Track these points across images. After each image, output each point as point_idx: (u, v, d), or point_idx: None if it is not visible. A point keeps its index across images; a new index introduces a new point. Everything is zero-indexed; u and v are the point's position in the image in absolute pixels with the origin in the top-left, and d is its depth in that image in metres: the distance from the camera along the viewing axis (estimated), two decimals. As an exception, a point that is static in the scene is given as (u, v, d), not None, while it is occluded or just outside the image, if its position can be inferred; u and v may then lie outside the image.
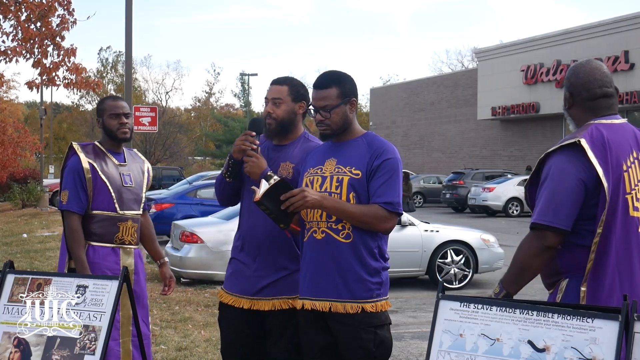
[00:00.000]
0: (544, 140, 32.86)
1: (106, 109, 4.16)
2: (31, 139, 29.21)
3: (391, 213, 3.25)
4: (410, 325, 8.24)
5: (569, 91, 3.01)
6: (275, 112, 3.60)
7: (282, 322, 3.58)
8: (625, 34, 28.03)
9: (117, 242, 4.10)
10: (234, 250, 3.75)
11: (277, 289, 3.58)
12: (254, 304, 3.60)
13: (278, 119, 3.60)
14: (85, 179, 4.02)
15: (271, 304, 3.58)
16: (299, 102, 3.63)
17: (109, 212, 4.07)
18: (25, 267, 11.14)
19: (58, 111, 62.76)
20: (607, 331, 2.32)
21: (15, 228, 19.82)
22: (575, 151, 2.81)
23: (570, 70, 3.04)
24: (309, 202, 3.20)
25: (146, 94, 60.98)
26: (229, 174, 3.65)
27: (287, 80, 3.68)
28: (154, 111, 17.87)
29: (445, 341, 2.54)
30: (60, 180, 4.16)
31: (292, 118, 3.63)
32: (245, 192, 3.70)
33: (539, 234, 2.79)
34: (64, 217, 4.04)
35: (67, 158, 4.14)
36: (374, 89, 50.28)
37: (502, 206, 25.84)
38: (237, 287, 3.66)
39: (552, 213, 2.76)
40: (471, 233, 11.37)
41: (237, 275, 3.67)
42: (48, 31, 10.54)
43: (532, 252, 2.81)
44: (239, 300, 3.64)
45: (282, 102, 3.60)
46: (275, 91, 3.63)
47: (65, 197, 4.02)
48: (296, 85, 3.66)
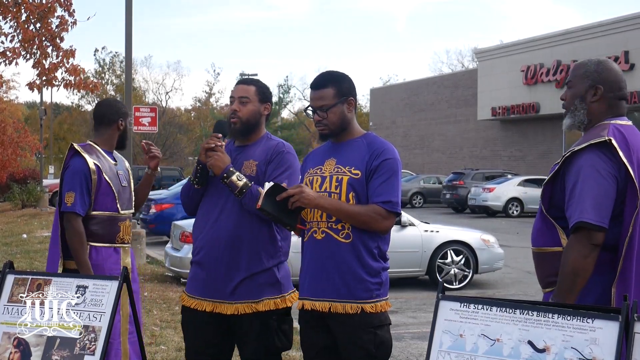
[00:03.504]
0: (544, 141, 32.87)
1: (129, 115, 4.28)
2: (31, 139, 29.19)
3: (389, 212, 3.25)
4: (410, 326, 8.24)
5: (599, 84, 2.97)
6: (242, 111, 3.65)
7: (248, 325, 3.59)
8: (625, 34, 28.04)
9: (118, 241, 4.11)
10: (194, 253, 3.73)
11: (240, 293, 3.58)
12: (216, 306, 3.61)
13: (243, 118, 3.64)
14: (91, 180, 4.01)
15: (234, 308, 3.58)
16: (265, 104, 3.71)
17: (111, 213, 4.06)
18: (25, 268, 11.13)
19: (58, 112, 62.77)
20: (607, 331, 2.32)
21: (15, 228, 19.82)
22: (606, 150, 2.81)
23: (599, 64, 3.01)
24: (305, 197, 3.21)
25: (146, 94, 61.00)
26: (198, 180, 3.65)
27: (255, 82, 3.76)
28: (154, 111, 17.87)
29: (445, 341, 2.54)
30: (61, 182, 4.10)
31: (257, 118, 3.69)
32: (207, 194, 3.69)
33: (586, 234, 2.75)
34: (68, 219, 3.99)
35: (68, 159, 4.10)
36: (374, 89, 50.28)
37: (502, 206, 25.83)
38: (199, 290, 3.65)
39: (597, 212, 2.74)
40: (471, 233, 11.37)
41: (199, 278, 3.66)
42: (47, 32, 10.54)
43: (583, 253, 2.75)
44: (201, 303, 3.64)
45: (249, 102, 3.66)
46: (243, 90, 3.69)
47: (71, 199, 3.98)
48: (263, 87, 3.75)
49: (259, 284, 3.59)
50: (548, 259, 2.96)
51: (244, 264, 3.58)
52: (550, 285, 2.97)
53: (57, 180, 37.03)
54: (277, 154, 3.64)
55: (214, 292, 3.61)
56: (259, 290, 3.59)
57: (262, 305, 3.58)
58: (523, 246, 14.78)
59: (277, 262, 3.66)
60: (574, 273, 2.75)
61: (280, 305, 3.63)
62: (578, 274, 2.75)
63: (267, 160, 3.63)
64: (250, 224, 3.57)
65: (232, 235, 3.57)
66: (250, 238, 3.58)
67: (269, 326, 3.61)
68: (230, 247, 3.58)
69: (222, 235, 3.59)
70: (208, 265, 3.63)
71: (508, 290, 10.72)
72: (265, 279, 3.61)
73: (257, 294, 3.59)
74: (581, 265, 2.74)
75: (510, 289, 10.93)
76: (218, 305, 3.60)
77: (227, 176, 3.50)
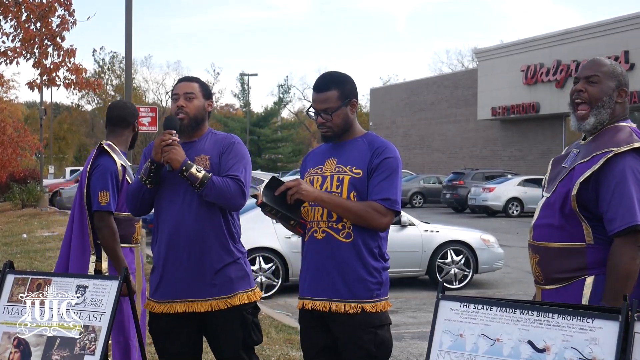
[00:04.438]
0: (544, 140, 32.86)
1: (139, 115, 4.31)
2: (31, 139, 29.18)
3: (388, 210, 3.24)
4: (411, 326, 8.24)
5: (624, 87, 3.01)
6: (188, 106, 3.66)
7: (224, 320, 3.59)
8: (625, 34, 28.03)
9: (133, 241, 4.14)
10: (156, 257, 3.67)
11: (213, 289, 3.57)
12: (189, 306, 3.58)
13: (190, 114, 3.65)
14: (119, 180, 4.03)
15: (208, 305, 3.57)
16: (208, 100, 3.75)
17: (128, 214, 4.04)
18: (25, 267, 11.13)
19: (58, 112, 62.74)
20: (607, 331, 2.32)
21: (15, 228, 19.81)
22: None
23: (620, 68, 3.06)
24: (303, 189, 3.21)
25: (146, 94, 60.98)
26: (151, 179, 3.58)
27: (196, 79, 3.79)
28: (154, 111, 17.85)
29: (445, 341, 2.54)
30: (89, 180, 4.06)
31: (203, 114, 3.71)
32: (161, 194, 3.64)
33: (634, 237, 2.76)
34: (103, 218, 3.97)
35: (96, 157, 4.09)
36: (374, 89, 50.28)
37: (502, 206, 25.82)
38: (168, 293, 3.61)
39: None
40: (471, 233, 11.37)
41: (167, 282, 3.62)
42: (48, 32, 10.54)
43: (632, 255, 2.76)
44: (173, 305, 3.60)
45: (195, 97, 3.68)
46: (187, 87, 3.71)
47: (106, 198, 3.97)
48: (204, 84, 3.79)
49: (231, 278, 3.59)
50: (563, 255, 2.93)
51: (213, 258, 3.57)
52: (557, 281, 2.94)
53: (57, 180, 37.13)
54: (229, 144, 3.65)
55: (186, 292, 3.58)
56: (231, 284, 3.59)
57: (236, 299, 3.58)
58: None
59: (242, 253, 3.67)
60: (627, 276, 2.76)
61: (252, 299, 3.65)
62: (631, 276, 2.76)
63: (219, 152, 3.63)
64: (212, 217, 3.56)
65: (195, 231, 3.55)
66: (214, 231, 3.57)
67: (245, 320, 3.61)
68: (196, 242, 3.55)
69: (185, 232, 3.56)
70: (176, 265, 3.59)
71: (508, 290, 10.72)
72: (235, 272, 3.61)
73: (230, 289, 3.58)
74: (633, 268, 2.76)
75: (510, 289, 10.93)
76: (191, 305, 3.57)
77: (186, 169, 3.47)
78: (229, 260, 3.60)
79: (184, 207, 3.58)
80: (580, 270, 2.89)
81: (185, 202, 3.57)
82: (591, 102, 3.00)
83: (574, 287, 2.89)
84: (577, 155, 3.01)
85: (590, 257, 2.87)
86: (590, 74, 3.02)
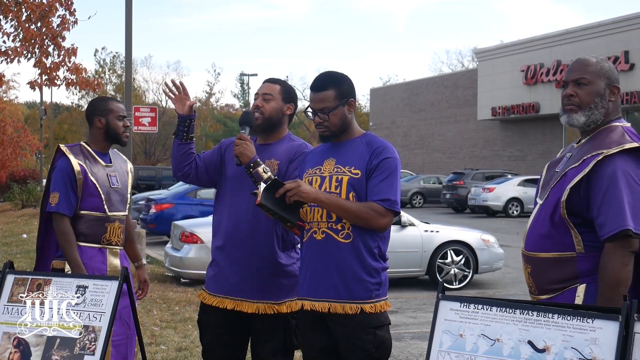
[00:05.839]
0: (544, 141, 32.86)
1: (113, 110, 4.13)
2: (31, 139, 29.21)
3: (387, 210, 3.24)
4: (410, 326, 8.25)
5: (615, 84, 2.95)
6: (264, 107, 3.67)
7: (269, 325, 3.61)
8: (625, 34, 28.02)
9: (104, 242, 4.08)
10: (214, 250, 3.75)
11: (262, 292, 3.60)
12: (237, 304, 3.62)
13: (266, 114, 3.67)
14: (76, 180, 4.00)
15: (255, 307, 3.60)
16: (288, 104, 3.74)
17: (98, 213, 4.04)
18: (25, 268, 11.13)
19: (58, 112, 62.75)
20: (607, 331, 2.32)
21: (15, 228, 19.82)
22: (635, 155, 2.79)
23: (608, 63, 2.99)
24: (303, 190, 3.21)
25: (146, 94, 60.99)
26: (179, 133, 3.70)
27: (281, 82, 3.79)
28: (154, 111, 17.83)
29: (445, 341, 2.54)
30: (47, 182, 4.12)
31: (280, 117, 3.71)
32: (226, 188, 3.71)
33: (627, 242, 2.70)
34: (54, 219, 4.00)
35: (55, 160, 4.11)
36: (373, 89, 50.27)
37: (502, 206, 25.82)
38: (220, 288, 3.67)
39: (636, 219, 2.69)
40: (471, 233, 11.37)
41: (220, 276, 3.68)
42: (48, 31, 10.54)
43: (623, 261, 2.70)
44: (222, 301, 3.65)
45: (272, 99, 3.69)
46: (267, 88, 3.73)
47: (55, 199, 3.98)
48: (288, 88, 3.78)
49: (281, 285, 3.61)
50: (553, 265, 2.88)
51: (266, 261, 3.60)
52: (549, 292, 2.90)
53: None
54: (301, 154, 3.65)
55: (236, 290, 3.62)
56: (281, 291, 3.61)
57: (284, 307, 3.62)
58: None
59: (296, 261, 3.68)
60: (618, 282, 2.69)
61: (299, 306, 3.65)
62: (621, 283, 2.69)
63: (289, 159, 3.65)
64: (270, 221, 3.56)
65: (252, 231, 3.59)
66: (270, 235, 3.60)
67: (289, 325, 3.65)
68: (252, 242, 3.59)
69: (243, 231, 3.61)
70: (230, 261, 3.64)
71: (508, 290, 10.73)
72: (287, 279, 3.63)
73: (279, 295, 3.61)
74: (623, 274, 2.70)
75: (510, 289, 10.94)
76: (239, 304, 3.62)
77: (254, 166, 3.47)
78: (282, 266, 3.62)
79: (247, 206, 3.60)
80: (571, 279, 2.85)
81: (248, 201, 3.57)
82: (584, 103, 2.93)
83: (566, 295, 2.85)
84: (570, 159, 2.94)
85: (581, 265, 2.82)
86: (578, 76, 2.96)
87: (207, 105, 65.19)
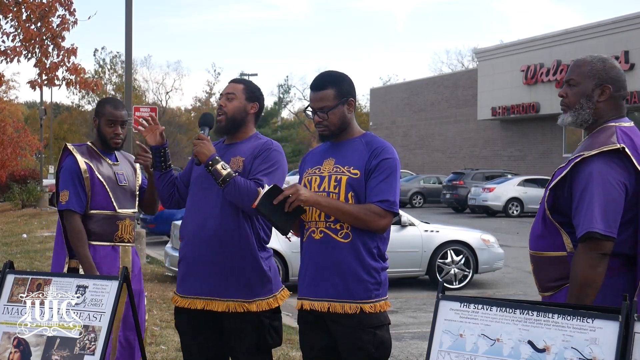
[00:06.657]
0: (544, 141, 32.85)
1: (105, 114, 4.16)
2: (31, 139, 29.20)
3: (386, 211, 3.24)
4: (410, 326, 8.25)
5: (607, 84, 2.91)
6: (227, 106, 3.70)
7: (240, 323, 3.60)
8: (625, 34, 28.02)
9: (117, 240, 4.12)
10: (181, 252, 3.74)
11: (231, 290, 3.59)
12: (207, 304, 3.61)
13: (229, 114, 3.69)
14: (83, 179, 4.03)
15: (225, 306, 3.59)
16: (252, 103, 3.75)
17: (108, 211, 4.08)
18: (25, 267, 11.13)
19: (58, 112, 62.71)
20: (607, 331, 2.32)
21: (15, 228, 19.82)
22: (616, 157, 2.77)
23: (605, 62, 2.94)
24: (302, 195, 3.21)
25: (146, 94, 60.96)
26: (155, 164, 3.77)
27: (245, 81, 3.82)
28: (154, 111, 17.85)
29: (445, 341, 2.54)
30: (56, 181, 4.15)
31: (243, 116, 3.72)
32: (192, 189, 3.72)
33: (595, 244, 2.71)
34: (65, 218, 4.03)
35: (62, 159, 4.15)
36: (374, 89, 50.27)
37: (502, 206, 25.81)
38: (190, 289, 3.66)
39: (606, 221, 2.70)
40: (471, 233, 11.37)
41: (189, 276, 3.67)
42: (48, 31, 10.54)
43: (592, 263, 2.71)
44: (193, 302, 3.64)
45: (235, 98, 3.71)
46: (231, 87, 3.75)
47: (65, 197, 4.01)
48: (252, 87, 3.79)
49: (250, 283, 3.59)
50: (549, 264, 2.93)
51: (233, 260, 3.58)
52: (549, 289, 2.95)
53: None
54: (265, 150, 3.66)
55: (205, 290, 3.61)
56: (250, 289, 3.59)
57: (254, 305, 3.59)
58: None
59: (266, 258, 3.67)
60: (584, 284, 2.71)
61: (273, 305, 3.65)
62: (588, 284, 2.71)
63: (254, 156, 3.64)
64: (236, 218, 3.58)
65: (218, 230, 3.58)
66: (237, 232, 3.58)
67: (262, 324, 3.62)
68: (217, 241, 3.58)
69: (209, 230, 3.59)
70: (197, 261, 3.63)
71: (508, 290, 10.73)
72: (256, 276, 3.61)
73: (249, 294, 3.59)
74: (591, 276, 2.70)
75: (510, 289, 10.94)
76: (209, 303, 3.61)
77: (212, 164, 3.50)
78: (250, 264, 3.60)
79: (211, 205, 3.61)
80: (565, 278, 2.87)
81: (213, 201, 3.60)
82: (570, 104, 2.96)
83: (563, 293, 2.88)
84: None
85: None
86: (569, 77, 2.99)
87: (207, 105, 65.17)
